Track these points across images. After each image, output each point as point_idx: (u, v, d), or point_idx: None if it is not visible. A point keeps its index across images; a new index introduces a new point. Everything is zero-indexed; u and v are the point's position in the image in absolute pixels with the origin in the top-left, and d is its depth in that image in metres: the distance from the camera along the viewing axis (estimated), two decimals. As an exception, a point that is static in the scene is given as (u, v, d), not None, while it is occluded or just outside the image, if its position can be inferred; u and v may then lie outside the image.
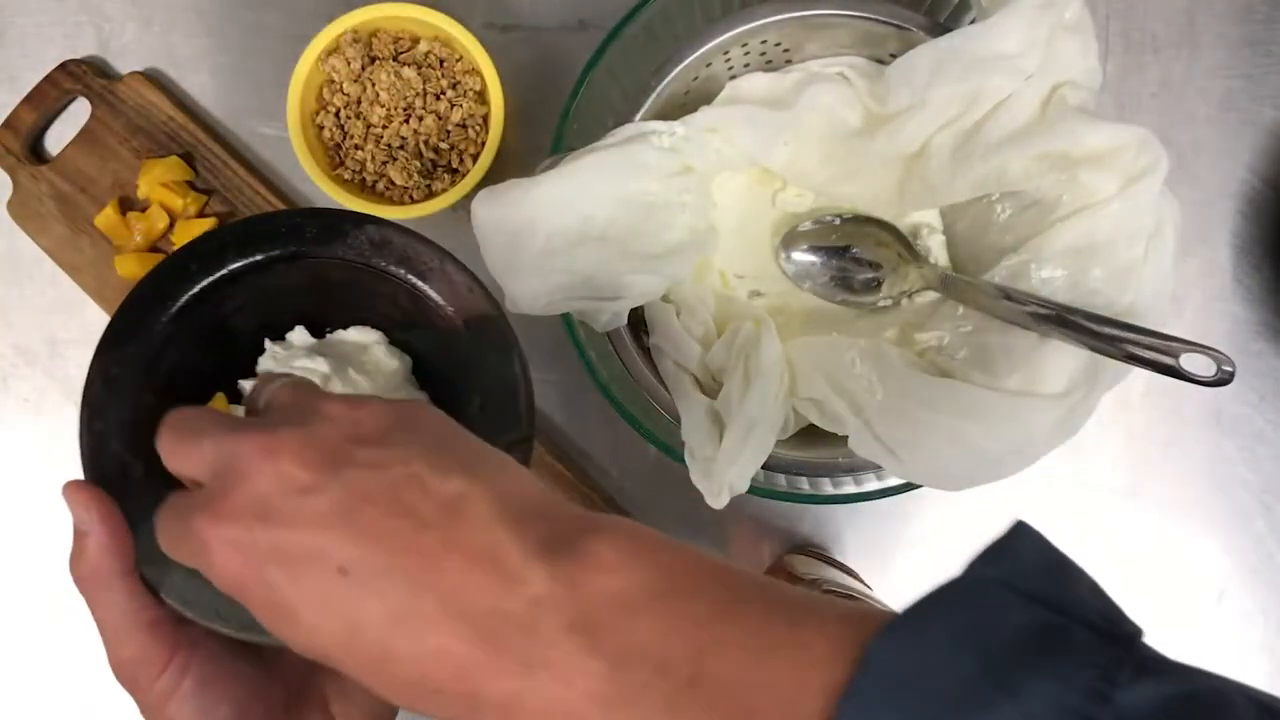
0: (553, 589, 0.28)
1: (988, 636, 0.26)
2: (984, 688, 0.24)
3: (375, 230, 0.43)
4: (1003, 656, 0.25)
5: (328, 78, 0.61)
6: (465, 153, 0.62)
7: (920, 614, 0.27)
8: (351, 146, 0.62)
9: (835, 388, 0.53)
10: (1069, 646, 0.25)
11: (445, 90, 0.61)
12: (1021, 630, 0.26)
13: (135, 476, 0.40)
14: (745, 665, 0.27)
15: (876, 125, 0.55)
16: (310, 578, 0.29)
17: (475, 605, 0.28)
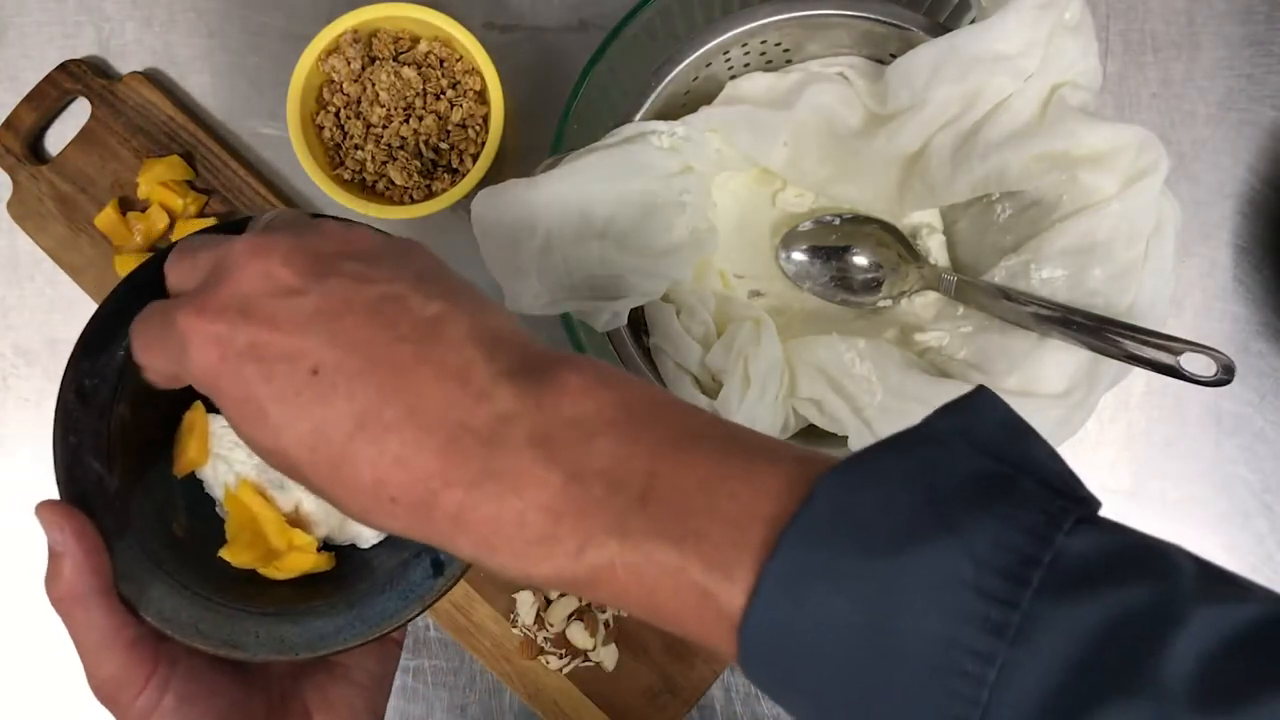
0: (517, 406, 0.28)
1: (935, 479, 0.26)
2: (926, 523, 0.25)
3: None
4: (948, 498, 0.25)
5: (328, 78, 0.61)
6: (465, 153, 0.62)
7: (871, 456, 0.27)
8: (351, 146, 0.62)
9: (835, 388, 0.53)
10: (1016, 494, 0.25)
11: (445, 90, 0.61)
12: (971, 476, 0.26)
13: (111, 490, 0.39)
14: (695, 491, 0.27)
15: (876, 125, 0.55)
16: (283, 376, 0.29)
17: (440, 417, 0.28)
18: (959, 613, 0.24)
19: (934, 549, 0.24)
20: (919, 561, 0.24)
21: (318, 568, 0.43)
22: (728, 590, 0.26)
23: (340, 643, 0.39)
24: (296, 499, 0.43)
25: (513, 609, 0.62)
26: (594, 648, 0.62)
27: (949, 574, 0.24)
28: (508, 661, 0.62)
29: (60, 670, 0.64)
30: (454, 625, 0.63)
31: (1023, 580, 0.24)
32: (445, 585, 0.40)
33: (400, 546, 0.43)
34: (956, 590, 0.24)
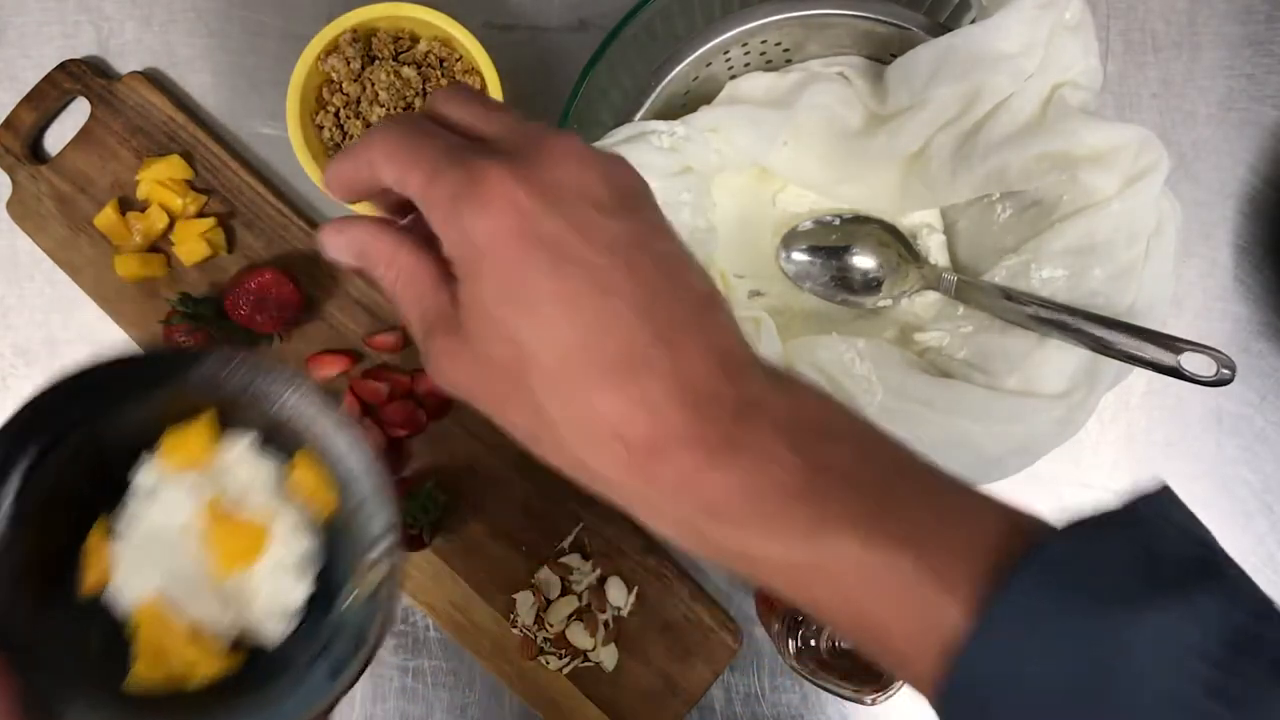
0: (768, 395, 0.29)
1: (1154, 551, 0.26)
2: (1152, 589, 0.25)
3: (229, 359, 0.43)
4: (1171, 569, 0.26)
5: (327, 77, 0.61)
6: None
7: (1086, 522, 0.28)
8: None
9: (835, 388, 0.53)
10: (1230, 577, 0.27)
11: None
12: (1188, 556, 0.27)
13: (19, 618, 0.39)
14: (927, 513, 0.28)
15: (876, 125, 0.55)
16: (575, 280, 0.28)
17: (699, 380, 0.28)
18: (1186, 673, 0.24)
19: (1162, 612, 0.25)
20: (1147, 621, 0.25)
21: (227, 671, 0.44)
22: (952, 610, 0.26)
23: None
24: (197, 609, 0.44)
25: (512, 609, 0.62)
26: (594, 648, 0.62)
27: (1177, 637, 0.24)
28: (508, 662, 0.62)
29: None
30: (454, 625, 0.63)
31: (1248, 652, 0.25)
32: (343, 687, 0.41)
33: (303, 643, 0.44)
34: (1184, 653, 0.24)
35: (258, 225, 0.64)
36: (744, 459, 0.28)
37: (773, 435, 0.28)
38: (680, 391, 0.28)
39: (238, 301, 0.60)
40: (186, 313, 0.60)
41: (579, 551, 0.63)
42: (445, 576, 0.63)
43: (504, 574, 0.63)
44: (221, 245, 0.63)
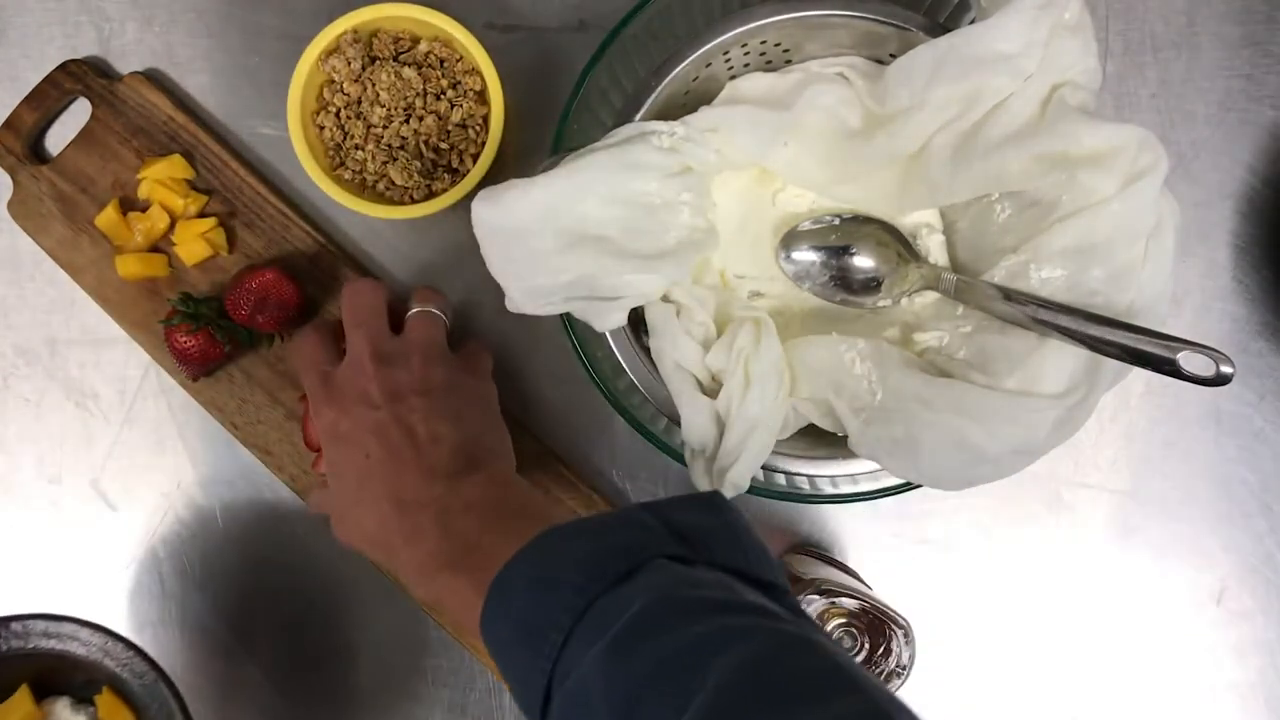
0: (444, 492, 0.49)
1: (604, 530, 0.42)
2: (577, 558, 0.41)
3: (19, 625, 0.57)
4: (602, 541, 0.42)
5: (328, 78, 0.61)
6: (465, 153, 0.62)
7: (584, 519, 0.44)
8: (352, 146, 0.62)
9: (835, 388, 0.53)
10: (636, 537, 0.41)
11: (445, 90, 0.62)
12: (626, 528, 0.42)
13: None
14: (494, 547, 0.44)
15: (876, 125, 0.55)
16: (353, 452, 0.52)
17: (408, 494, 0.49)
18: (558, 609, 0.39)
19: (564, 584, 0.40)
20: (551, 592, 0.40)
21: None
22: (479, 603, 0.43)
23: None
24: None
25: (513, 609, 0.62)
26: (594, 647, 0.62)
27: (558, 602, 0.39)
28: (508, 661, 0.62)
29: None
30: (454, 625, 0.63)
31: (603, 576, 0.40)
32: None
33: None
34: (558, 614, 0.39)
35: (258, 225, 0.64)
36: (417, 539, 0.48)
37: (432, 520, 0.48)
38: (398, 506, 0.49)
39: (238, 301, 0.60)
40: (187, 313, 0.60)
41: (579, 551, 0.63)
42: (445, 576, 0.63)
43: (504, 573, 0.63)
44: (222, 245, 0.64)
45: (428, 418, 0.51)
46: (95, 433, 0.65)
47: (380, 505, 0.49)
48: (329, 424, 0.52)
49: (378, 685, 0.64)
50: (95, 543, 0.65)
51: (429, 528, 0.47)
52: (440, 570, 0.46)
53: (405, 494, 0.49)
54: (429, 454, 0.50)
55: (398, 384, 0.52)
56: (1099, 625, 0.64)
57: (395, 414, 0.51)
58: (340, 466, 0.52)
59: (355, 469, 0.51)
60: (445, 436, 0.51)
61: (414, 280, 0.65)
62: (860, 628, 0.54)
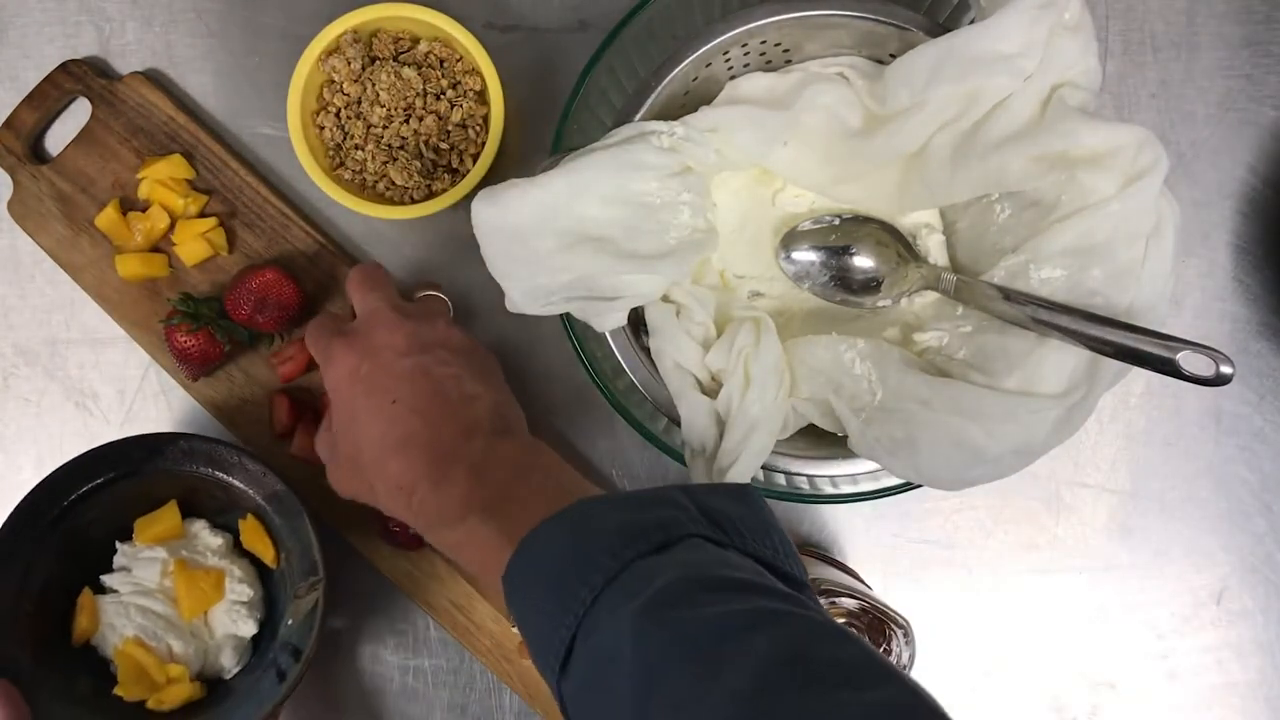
0: (480, 447, 0.48)
1: (639, 502, 0.42)
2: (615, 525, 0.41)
3: (185, 444, 0.58)
4: (638, 511, 0.41)
5: (328, 78, 0.61)
6: (465, 153, 0.62)
7: (620, 495, 0.44)
8: (352, 147, 0.62)
9: (835, 388, 0.53)
10: (667, 513, 0.41)
11: (445, 90, 0.62)
12: (659, 501, 0.42)
13: (25, 664, 0.55)
14: (523, 502, 0.45)
15: (876, 125, 0.55)
16: (376, 397, 0.49)
17: (442, 447, 0.47)
18: (591, 567, 0.39)
19: (599, 538, 0.40)
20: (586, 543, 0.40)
21: (193, 697, 0.58)
22: (508, 553, 0.42)
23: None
24: (169, 644, 0.58)
25: (513, 609, 0.62)
26: (594, 647, 0.62)
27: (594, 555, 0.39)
28: (508, 661, 0.62)
29: (60, 670, 0.64)
30: (454, 625, 0.63)
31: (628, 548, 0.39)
32: (289, 688, 0.56)
33: (253, 670, 0.59)
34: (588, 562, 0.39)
35: (258, 225, 0.64)
36: (446, 486, 0.46)
37: (465, 471, 0.46)
38: (429, 454, 0.47)
39: (239, 301, 0.60)
40: (187, 312, 0.60)
41: (579, 551, 0.63)
42: (445, 575, 0.63)
43: (504, 573, 0.63)
44: (222, 245, 0.64)
45: (460, 374, 0.49)
46: (95, 433, 0.65)
47: (408, 451, 0.47)
48: (347, 370, 0.49)
49: (378, 685, 0.64)
50: (95, 543, 0.65)
51: (461, 476, 0.46)
52: (468, 514, 0.45)
53: (440, 445, 0.47)
54: (464, 411, 0.48)
55: (424, 336, 0.50)
56: (1099, 625, 0.64)
57: (424, 364, 0.49)
58: (358, 412, 0.49)
59: (380, 414, 0.48)
60: (480, 395, 0.49)
61: (414, 280, 0.65)
62: (860, 628, 0.54)
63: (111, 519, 0.59)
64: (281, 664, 0.57)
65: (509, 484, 0.46)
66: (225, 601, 0.59)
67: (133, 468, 0.58)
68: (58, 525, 0.57)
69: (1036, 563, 0.64)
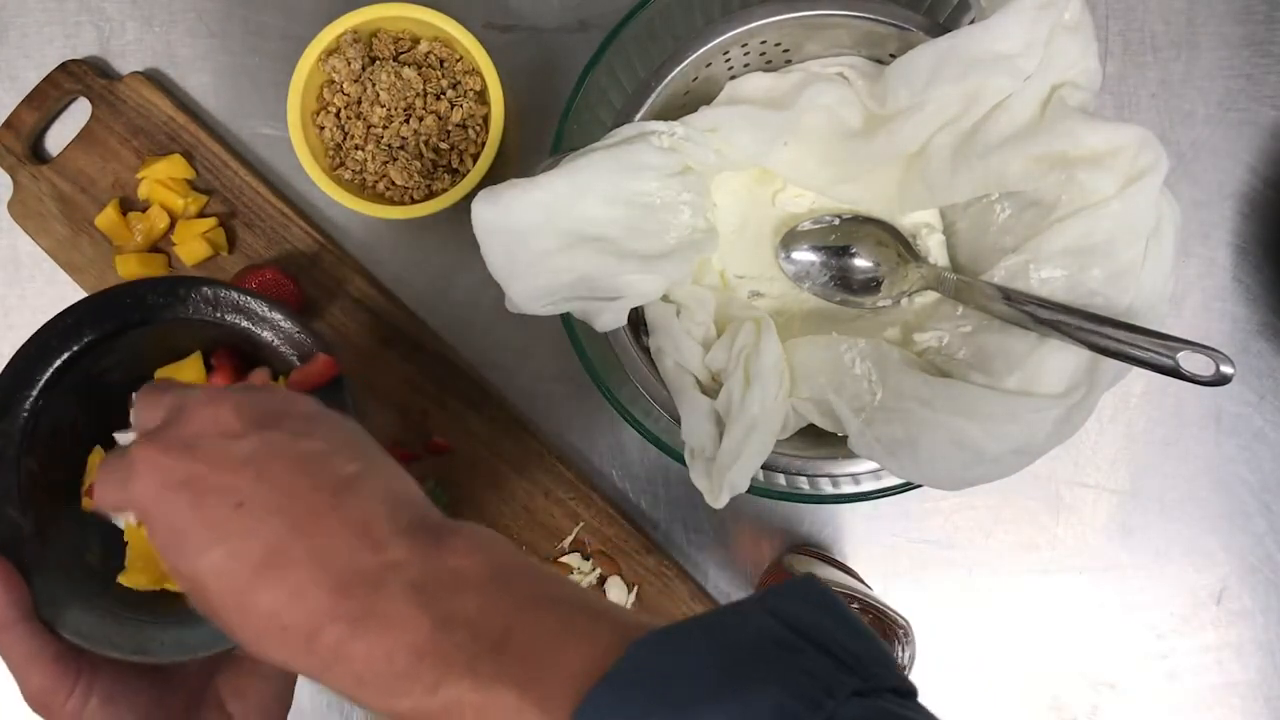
0: (408, 557, 0.33)
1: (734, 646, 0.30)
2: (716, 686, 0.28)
3: (210, 290, 0.49)
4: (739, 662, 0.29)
5: (328, 78, 0.61)
6: (465, 153, 0.62)
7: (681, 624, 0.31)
8: (352, 146, 0.62)
9: (835, 388, 0.53)
10: (802, 664, 0.29)
11: (445, 90, 0.62)
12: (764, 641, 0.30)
13: (27, 531, 0.46)
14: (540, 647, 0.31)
15: (876, 125, 0.55)
16: (211, 506, 0.34)
17: (338, 559, 0.32)
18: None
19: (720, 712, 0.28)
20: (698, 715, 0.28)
21: None
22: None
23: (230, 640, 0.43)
24: None
25: (513, 609, 0.62)
26: (594, 647, 0.62)
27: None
28: (508, 661, 0.62)
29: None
30: None
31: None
32: None
33: None
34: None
35: (258, 225, 0.64)
36: (379, 625, 0.31)
37: (407, 597, 0.32)
38: (321, 574, 0.32)
39: (238, 301, 0.60)
40: (187, 313, 0.60)
41: (579, 551, 0.63)
42: (446, 576, 0.63)
43: (504, 573, 0.63)
44: (222, 245, 0.64)
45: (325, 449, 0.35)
46: (95, 433, 0.65)
47: (282, 573, 0.32)
48: (155, 482, 0.35)
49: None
50: (95, 543, 0.65)
51: (399, 610, 0.31)
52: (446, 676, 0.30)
53: (332, 558, 0.32)
54: (350, 504, 0.34)
55: (262, 405, 0.36)
56: (1099, 625, 0.64)
57: (272, 443, 0.35)
58: (185, 533, 0.34)
59: (219, 527, 0.33)
60: (360, 475, 0.35)
61: (413, 281, 0.65)
62: (860, 628, 0.54)
63: (129, 367, 0.50)
64: None
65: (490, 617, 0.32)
66: None
67: (150, 314, 0.49)
68: (67, 371, 0.49)
69: (1036, 563, 0.64)
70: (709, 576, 0.64)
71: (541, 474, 0.63)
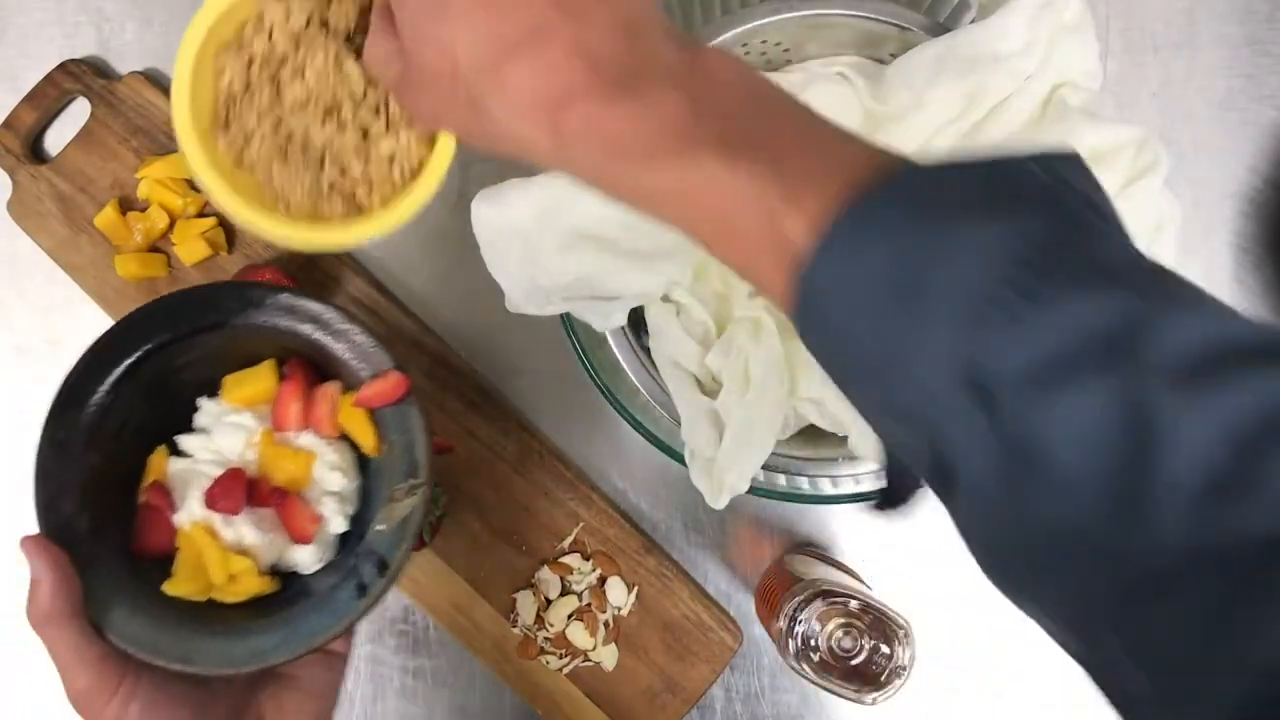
0: (668, 50, 0.32)
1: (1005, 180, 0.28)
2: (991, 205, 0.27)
3: (287, 298, 0.48)
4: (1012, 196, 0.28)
5: (258, 11, 0.45)
6: (376, 190, 0.46)
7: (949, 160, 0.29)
8: (247, 110, 0.45)
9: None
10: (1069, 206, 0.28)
11: (386, 110, 0.45)
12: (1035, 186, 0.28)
13: (83, 528, 0.45)
14: (797, 146, 0.30)
15: (877, 125, 0.55)
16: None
17: (601, 45, 0.32)
18: (996, 273, 0.26)
19: (987, 222, 0.27)
20: (971, 229, 0.27)
21: (262, 591, 0.48)
22: (795, 221, 0.28)
23: (277, 657, 0.44)
24: (240, 532, 0.47)
25: (513, 609, 0.62)
26: (594, 648, 0.62)
27: (997, 244, 0.26)
28: (508, 661, 0.62)
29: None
30: (454, 625, 0.63)
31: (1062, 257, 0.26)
32: (368, 604, 0.45)
33: (333, 572, 0.48)
34: (999, 256, 0.26)
35: (258, 225, 0.64)
36: (635, 102, 0.31)
37: (664, 81, 0.31)
38: (580, 53, 0.31)
39: (238, 301, 0.60)
40: (187, 313, 0.60)
41: (579, 551, 0.63)
42: (446, 576, 0.63)
43: (504, 574, 0.63)
44: (222, 245, 0.64)
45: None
46: (95, 433, 0.65)
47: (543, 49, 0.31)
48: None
49: (377, 685, 0.64)
50: (95, 543, 0.65)
51: (656, 90, 0.31)
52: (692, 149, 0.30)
53: (595, 45, 0.32)
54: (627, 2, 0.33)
55: None
56: (1099, 625, 0.64)
57: None
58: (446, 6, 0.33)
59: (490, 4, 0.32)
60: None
61: (412, 280, 0.65)
62: (860, 628, 0.54)
63: (200, 369, 0.49)
64: (364, 576, 0.47)
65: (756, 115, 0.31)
66: (314, 489, 0.49)
67: (225, 318, 0.48)
68: (138, 369, 0.48)
69: (1037, 563, 0.64)
70: (709, 577, 0.64)
71: (541, 474, 0.63)
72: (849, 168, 0.29)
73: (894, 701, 0.53)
